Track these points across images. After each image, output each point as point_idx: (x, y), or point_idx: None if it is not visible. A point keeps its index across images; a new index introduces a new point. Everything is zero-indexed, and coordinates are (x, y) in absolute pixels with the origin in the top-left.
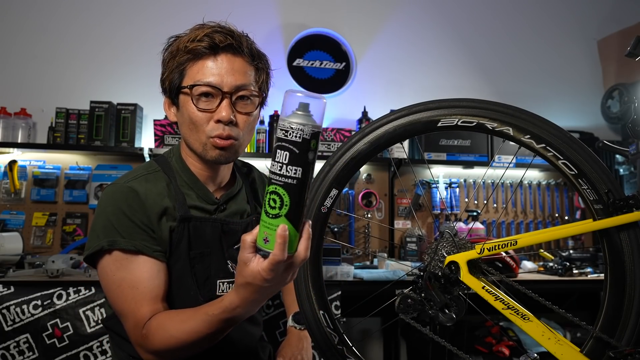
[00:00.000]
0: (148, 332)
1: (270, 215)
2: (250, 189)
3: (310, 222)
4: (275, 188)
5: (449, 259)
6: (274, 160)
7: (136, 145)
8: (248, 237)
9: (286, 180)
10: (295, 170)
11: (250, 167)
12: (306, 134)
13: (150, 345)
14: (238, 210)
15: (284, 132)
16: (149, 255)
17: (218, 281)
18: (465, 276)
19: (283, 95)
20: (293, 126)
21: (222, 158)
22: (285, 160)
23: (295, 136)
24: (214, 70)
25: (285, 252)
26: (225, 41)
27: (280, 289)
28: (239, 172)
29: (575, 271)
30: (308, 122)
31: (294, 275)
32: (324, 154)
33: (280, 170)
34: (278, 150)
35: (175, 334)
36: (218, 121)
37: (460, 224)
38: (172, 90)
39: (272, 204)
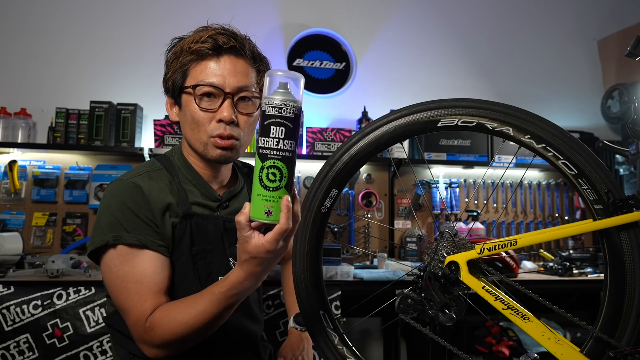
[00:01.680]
0: (153, 325)
1: (271, 189)
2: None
3: (295, 188)
4: (274, 162)
5: (449, 259)
6: (268, 136)
7: (136, 145)
8: (242, 218)
9: (283, 153)
10: (291, 143)
11: (251, 167)
12: (297, 110)
13: (156, 337)
14: (240, 208)
15: (277, 109)
16: (153, 250)
17: (220, 278)
18: (465, 276)
19: (267, 75)
20: (287, 103)
21: (223, 158)
22: (281, 135)
23: (289, 112)
24: (216, 71)
25: (290, 220)
26: (229, 43)
27: (279, 262)
28: (239, 172)
29: (575, 271)
30: (297, 99)
31: (289, 243)
32: (324, 154)
33: (277, 145)
34: (272, 127)
35: (183, 320)
36: (220, 121)
37: (460, 224)
38: (175, 90)
39: (271, 177)
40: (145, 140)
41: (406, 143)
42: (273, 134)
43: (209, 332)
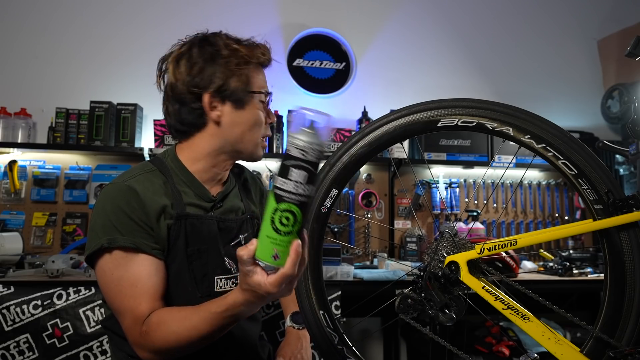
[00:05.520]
0: (148, 329)
1: (282, 233)
2: (242, 188)
3: (305, 230)
4: (289, 206)
5: (449, 259)
6: (287, 178)
7: (136, 145)
8: (243, 253)
9: (301, 198)
10: (311, 189)
11: (242, 168)
12: (321, 154)
13: (150, 342)
14: (233, 208)
15: (302, 152)
16: (147, 253)
17: (216, 277)
18: (465, 276)
19: (295, 112)
20: (313, 147)
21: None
22: (302, 179)
23: (314, 157)
24: (265, 82)
25: (297, 267)
26: (270, 60)
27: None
28: (231, 171)
29: (575, 271)
30: (323, 144)
31: (293, 286)
32: (324, 154)
33: (295, 189)
34: (293, 169)
35: (177, 330)
36: (270, 124)
37: (460, 224)
38: (241, 91)
39: (284, 221)
40: (145, 140)
41: (406, 143)
42: (292, 176)
43: (202, 345)
